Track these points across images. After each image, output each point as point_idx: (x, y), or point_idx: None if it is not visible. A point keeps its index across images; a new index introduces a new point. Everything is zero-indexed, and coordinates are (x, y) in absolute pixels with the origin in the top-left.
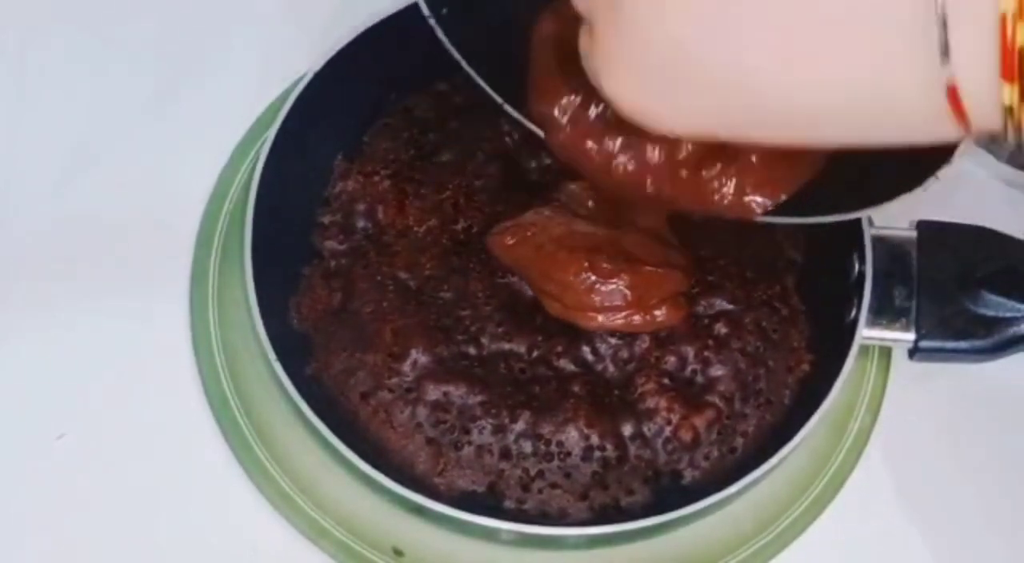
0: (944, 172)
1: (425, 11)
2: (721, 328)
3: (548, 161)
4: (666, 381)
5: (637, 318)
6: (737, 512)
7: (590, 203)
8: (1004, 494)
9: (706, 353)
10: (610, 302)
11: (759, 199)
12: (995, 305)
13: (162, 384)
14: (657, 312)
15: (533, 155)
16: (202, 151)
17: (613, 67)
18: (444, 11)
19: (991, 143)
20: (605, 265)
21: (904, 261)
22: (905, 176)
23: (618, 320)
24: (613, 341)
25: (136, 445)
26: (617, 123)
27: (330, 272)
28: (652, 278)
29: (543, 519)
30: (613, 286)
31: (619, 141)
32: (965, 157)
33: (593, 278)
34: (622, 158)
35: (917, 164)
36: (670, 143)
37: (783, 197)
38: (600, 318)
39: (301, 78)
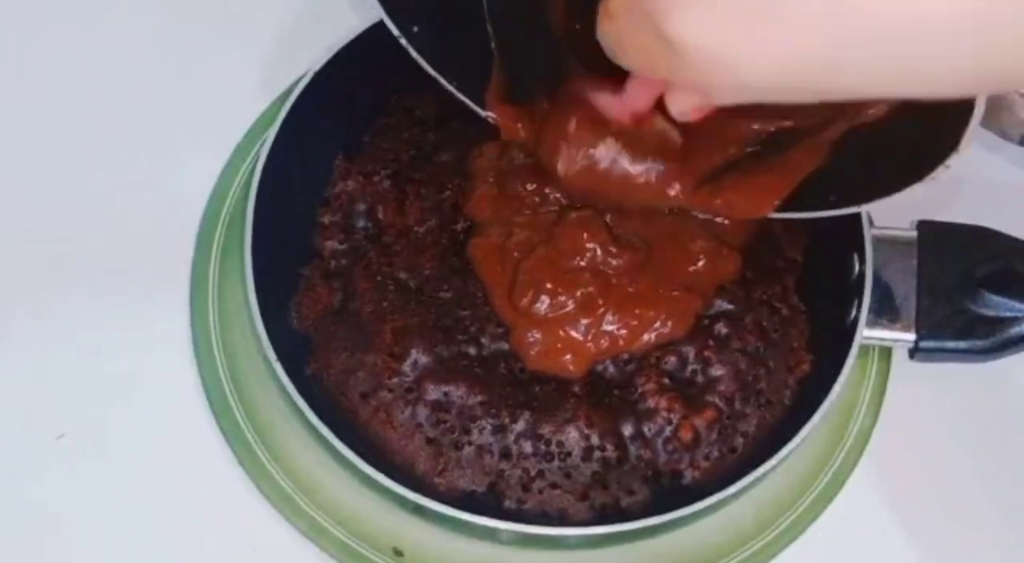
0: (953, 160)
1: (395, 31)
2: (721, 328)
3: None
4: (666, 381)
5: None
6: (737, 512)
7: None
8: (1005, 494)
9: (706, 353)
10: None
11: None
12: (995, 305)
13: (162, 384)
14: (663, 329)
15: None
16: (202, 151)
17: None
18: (415, 30)
19: (1003, 128)
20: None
21: (904, 261)
22: (913, 166)
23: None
24: None
25: (136, 445)
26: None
27: (330, 272)
28: (648, 301)
29: (543, 519)
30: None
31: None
32: (965, 159)
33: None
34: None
35: (925, 154)
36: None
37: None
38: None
39: (301, 78)
